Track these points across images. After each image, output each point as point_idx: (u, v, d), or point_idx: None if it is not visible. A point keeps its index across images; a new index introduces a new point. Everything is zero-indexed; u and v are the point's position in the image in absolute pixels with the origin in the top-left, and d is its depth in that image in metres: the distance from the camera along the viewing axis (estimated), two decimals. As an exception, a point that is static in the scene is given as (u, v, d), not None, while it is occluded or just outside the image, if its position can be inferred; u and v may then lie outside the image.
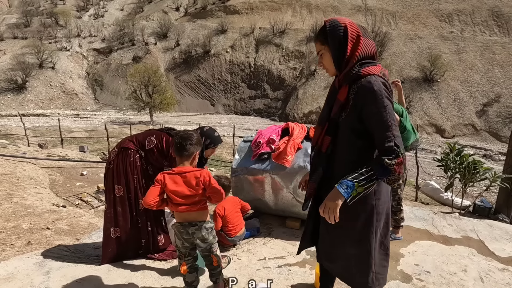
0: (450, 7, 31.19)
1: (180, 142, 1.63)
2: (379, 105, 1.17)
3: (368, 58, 1.24)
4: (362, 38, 1.23)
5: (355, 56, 1.23)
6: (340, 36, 1.24)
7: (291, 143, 2.74)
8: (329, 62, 1.30)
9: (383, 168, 1.14)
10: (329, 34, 1.26)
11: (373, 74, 1.20)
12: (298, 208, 2.76)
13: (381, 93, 1.17)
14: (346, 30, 1.23)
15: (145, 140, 2.17)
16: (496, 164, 16.86)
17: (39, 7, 46.36)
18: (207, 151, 2.26)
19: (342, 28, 1.24)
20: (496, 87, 24.54)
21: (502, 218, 4.92)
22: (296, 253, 1.71)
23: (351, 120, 1.23)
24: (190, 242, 1.67)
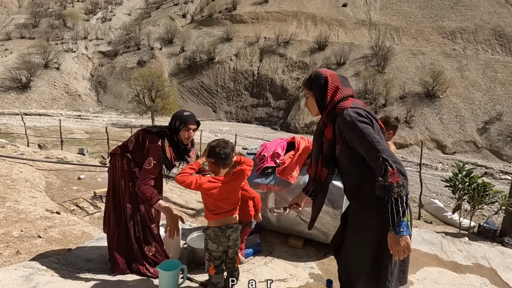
0: (454, 25, 31.57)
1: (225, 152, 1.70)
2: (356, 131, 1.34)
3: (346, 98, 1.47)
4: (340, 88, 1.48)
5: (333, 101, 1.46)
6: (321, 85, 1.50)
7: (297, 158, 2.64)
8: (313, 104, 1.56)
9: (383, 188, 1.25)
10: (313, 83, 1.53)
11: (345, 108, 1.41)
12: (302, 226, 2.64)
13: (353, 121, 1.35)
14: (326, 80, 1.49)
15: (128, 142, 2.18)
16: (497, 182, 16.71)
17: (48, 8, 47.03)
18: (180, 133, 2.10)
19: (323, 79, 1.50)
20: (497, 105, 24.58)
21: (508, 241, 4.78)
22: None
23: (346, 150, 1.41)
24: (225, 245, 1.76)
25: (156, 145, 2.02)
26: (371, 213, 1.39)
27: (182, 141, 2.13)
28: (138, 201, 2.16)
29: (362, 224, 1.43)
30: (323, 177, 1.55)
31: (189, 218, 4.11)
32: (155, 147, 2.02)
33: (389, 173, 1.23)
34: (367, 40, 32.61)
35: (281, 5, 38.45)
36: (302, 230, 2.66)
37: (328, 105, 1.47)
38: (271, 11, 37.91)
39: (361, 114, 1.37)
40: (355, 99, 1.48)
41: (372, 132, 1.32)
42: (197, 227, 3.29)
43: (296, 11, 37.20)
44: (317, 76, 1.52)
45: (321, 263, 2.47)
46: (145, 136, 2.09)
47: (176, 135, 2.11)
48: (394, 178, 1.22)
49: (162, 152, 2.03)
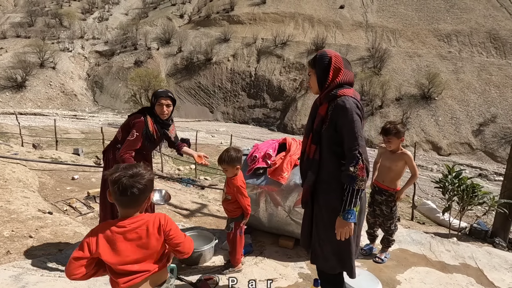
0: (449, 27, 31.88)
1: (125, 188, 1.11)
2: (349, 119, 1.44)
3: (346, 84, 1.54)
4: (342, 69, 1.53)
5: (334, 81, 1.52)
6: (325, 64, 1.54)
7: (288, 159, 2.67)
8: (314, 82, 1.60)
9: (350, 177, 1.41)
10: (317, 61, 1.58)
11: (347, 95, 1.49)
12: (292, 227, 2.66)
13: (351, 110, 1.44)
14: (330, 61, 1.54)
15: (116, 135, 2.34)
16: (491, 184, 16.89)
17: (44, 7, 46.71)
18: (156, 108, 2.28)
19: (328, 58, 1.54)
20: (492, 108, 24.85)
21: (498, 241, 4.84)
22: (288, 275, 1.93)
23: (331, 131, 1.51)
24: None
25: (139, 120, 2.22)
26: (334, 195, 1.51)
27: (158, 115, 2.30)
28: None
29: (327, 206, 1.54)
30: (311, 154, 1.58)
31: (182, 218, 4.12)
32: (138, 122, 2.21)
33: (359, 167, 1.40)
34: (363, 42, 32.80)
35: (278, 6, 38.55)
36: (293, 231, 2.68)
37: (328, 85, 1.53)
38: (268, 12, 38.00)
39: (358, 106, 1.47)
40: (356, 92, 1.55)
41: (360, 126, 1.44)
42: (189, 227, 3.30)
43: (293, 12, 37.32)
44: (321, 55, 1.57)
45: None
46: (129, 119, 2.28)
47: (153, 108, 2.30)
48: (362, 172, 1.39)
49: (145, 126, 2.21)
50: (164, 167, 10.98)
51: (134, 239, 1.16)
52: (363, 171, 1.40)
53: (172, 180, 8.13)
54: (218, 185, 8.69)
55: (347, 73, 1.55)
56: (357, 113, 1.45)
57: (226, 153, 2.11)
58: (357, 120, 1.43)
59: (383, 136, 2.48)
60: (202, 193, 7.07)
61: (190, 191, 7.23)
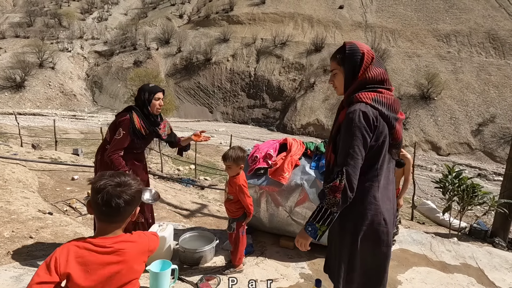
0: (448, 27, 31.94)
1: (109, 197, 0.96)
2: (347, 132, 1.24)
3: (372, 84, 1.30)
4: (372, 67, 1.30)
5: (358, 81, 1.30)
6: (357, 62, 1.30)
7: (289, 160, 2.67)
8: (341, 82, 1.36)
9: (321, 193, 1.27)
10: (347, 58, 1.32)
11: (361, 102, 1.25)
12: (293, 227, 2.66)
13: (354, 122, 1.22)
14: (362, 57, 1.29)
15: (106, 136, 2.29)
16: (490, 183, 16.91)
17: (43, 7, 46.63)
18: (151, 104, 2.24)
19: (360, 55, 1.30)
20: (491, 108, 24.91)
21: (498, 241, 4.85)
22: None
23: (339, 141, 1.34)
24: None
25: (125, 118, 2.17)
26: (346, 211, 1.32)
27: (152, 112, 2.26)
28: None
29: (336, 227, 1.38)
30: (331, 163, 1.42)
31: (183, 218, 4.12)
32: (124, 120, 2.16)
33: (333, 185, 1.20)
34: (363, 42, 32.78)
35: (278, 6, 38.56)
36: (293, 231, 2.68)
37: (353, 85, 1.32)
38: (268, 12, 38.01)
39: (367, 117, 1.22)
40: (382, 94, 1.28)
41: (358, 144, 1.22)
42: (190, 227, 3.30)
43: (292, 12, 37.35)
44: (352, 50, 1.31)
45: (312, 263, 2.50)
46: (115, 118, 2.23)
47: (147, 107, 2.24)
48: (332, 193, 1.20)
49: (131, 123, 2.16)
50: (164, 167, 10.97)
51: (114, 262, 0.95)
52: (336, 192, 1.19)
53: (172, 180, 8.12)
54: (218, 185, 8.68)
55: (375, 70, 1.30)
56: (359, 126, 1.21)
57: (233, 151, 2.11)
58: (357, 136, 1.21)
59: None
60: (202, 193, 7.06)
61: (190, 191, 7.23)
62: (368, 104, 1.24)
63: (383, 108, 1.25)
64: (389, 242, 1.33)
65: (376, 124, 1.24)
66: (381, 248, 1.32)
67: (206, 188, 7.91)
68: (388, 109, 1.27)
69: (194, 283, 2.09)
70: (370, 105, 1.24)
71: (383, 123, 1.26)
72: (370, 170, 1.29)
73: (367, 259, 1.34)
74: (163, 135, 2.39)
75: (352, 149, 1.22)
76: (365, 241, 1.31)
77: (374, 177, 1.29)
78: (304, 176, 2.59)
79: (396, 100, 1.34)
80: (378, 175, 1.30)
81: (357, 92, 1.28)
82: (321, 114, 28.09)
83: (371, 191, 1.29)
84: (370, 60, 1.29)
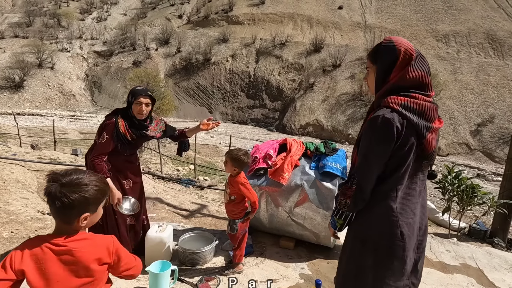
0: (447, 28, 32.02)
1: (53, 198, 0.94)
2: (367, 138, 1.19)
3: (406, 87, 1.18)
4: (409, 68, 1.17)
5: (390, 83, 1.20)
6: (390, 61, 1.20)
7: (289, 160, 2.67)
8: (372, 81, 1.28)
9: (337, 194, 1.29)
10: (379, 56, 1.23)
11: (387, 106, 1.16)
12: (293, 227, 2.66)
13: (374, 129, 1.15)
14: (398, 57, 1.18)
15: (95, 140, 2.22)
16: (489, 184, 16.95)
17: (43, 7, 46.56)
18: (133, 107, 2.12)
19: (395, 54, 1.19)
20: (490, 108, 24.97)
21: (497, 242, 4.86)
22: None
23: None
24: None
25: (110, 121, 2.09)
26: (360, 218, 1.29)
27: (135, 115, 2.15)
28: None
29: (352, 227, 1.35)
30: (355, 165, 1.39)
31: (182, 219, 4.11)
32: (109, 123, 2.09)
33: (344, 188, 1.23)
34: (362, 42, 32.88)
35: (277, 7, 38.60)
36: (293, 231, 2.68)
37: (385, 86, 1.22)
38: (267, 12, 38.04)
39: (390, 125, 1.12)
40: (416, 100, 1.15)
41: (374, 150, 1.16)
42: (190, 228, 3.29)
43: (292, 13, 37.38)
44: (387, 46, 1.21)
45: (312, 263, 2.50)
46: (102, 122, 2.16)
47: (129, 110, 2.15)
48: (343, 195, 1.23)
49: (115, 127, 2.07)
50: (163, 167, 10.96)
51: (70, 262, 0.93)
52: (346, 195, 1.21)
53: (171, 180, 8.11)
54: (217, 185, 8.68)
55: (412, 73, 1.17)
56: (380, 134, 1.14)
57: (237, 151, 2.12)
58: (374, 143, 1.15)
59: None
60: (202, 194, 7.06)
61: (190, 191, 7.22)
62: (395, 111, 1.14)
63: (413, 115, 1.14)
64: (404, 257, 1.21)
65: (401, 133, 1.14)
66: (393, 263, 1.21)
67: (206, 188, 7.90)
68: (420, 117, 1.16)
69: (194, 284, 2.08)
70: (397, 112, 1.14)
71: (411, 132, 1.15)
72: (390, 180, 1.20)
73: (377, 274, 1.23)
74: (156, 134, 2.29)
75: (368, 155, 1.18)
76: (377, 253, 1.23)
77: (393, 187, 1.20)
78: (304, 177, 2.59)
79: (433, 107, 1.21)
80: (398, 185, 1.20)
81: (388, 95, 1.18)
82: (321, 115, 28.10)
83: (387, 201, 1.21)
84: (407, 61, 1.16)
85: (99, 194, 1.00)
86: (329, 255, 2.65)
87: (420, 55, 1.20)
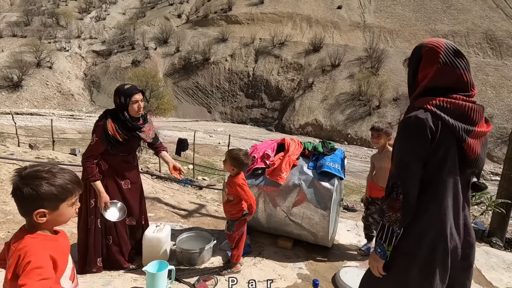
0: (446, 28, 32.08)
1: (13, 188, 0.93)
2: (401, 141, 1.12)
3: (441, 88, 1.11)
4: (438, 66, 1.10)
5: (423, 86, 1.14)
6: (416, 60, 1.17)
7: (287, 160, 2.66)
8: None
9: (382, 211, 1.17)
10: (411, 57, 1.19)
11: (423, 107, 1.10)
12: (291, 227, 2.66)
13: (408, 130, 1.09)
14: (422, 54, 1.14)
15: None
16: (487, 183, 17.00)
17: (41, 6, 46.41)
18: (130, 108, 2.10)
19: (421, 51, 1.15)
20: (488, 108, 25.04)
21: (495, 241, 4.87)
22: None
23: None
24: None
25: (100, 123, 2.07)
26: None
27: (131, 116, 2.12)
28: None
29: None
30: None
31: (180, 219, 4.10)
32: (98, 125, 2.07)
33: (390, 200, 1.11)
34: (361, 42, 32.91)
35: (276, 6, 38.58)
36: (291, 231, 2.68)
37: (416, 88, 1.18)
38: (266, 12, 38.02)
39: (423, 126, 1.06)
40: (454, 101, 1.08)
41: (412, 153, 1.09)
42: (187, 228, 3.29)
43: (291, 12, 37.37)
44: (415, 48, 1.19)
45: (310, 263, 2.50)
46: (94, 125, 2.14)
47: (125, 111, 2.10)
48: (390, 209, 1.11)
49: (103, 129, 2.05)
50: (162, 167, 10.95)
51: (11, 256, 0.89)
52: (394, 208, 1.09)
53: (170, 180, 8.10)
54: (216, 185, 8.67)
55: (446, 71, 1.09)
56: (413, 135, 1.08)
57: (238, 151, 2.13)
58: (409, 145, 1.09)
59: (373, 132, 2.51)
60: (200, 194, 7.05)
61: (188, 191, 7.21)
62: (429, 111, 1.08)
63: (449, 116, 1.06)
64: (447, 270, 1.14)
65: (435, 135, 1.06)
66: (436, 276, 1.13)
67: (204, 188, 7.90)
68: (458, 119, 1.07)
69: (191, 284, 2.08)
70: (431, 112, 1.08)
71: (447, 134, 1.07)
72: (429, 189, 1.12)
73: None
74: (147, 139, 2.26)
75: (404, 158, 1.10)
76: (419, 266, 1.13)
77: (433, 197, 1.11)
78: (302, 176, 2.59)
79: (476, 108, 1.10)
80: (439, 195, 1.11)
81: (422, 97, 1.13)
82: (320, 114, 28.12)
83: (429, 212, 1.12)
84: (432, 58, 1.10)
85: (56, 191, 0.93)
86: (327, 255, 2.65)
87: (453, 51, 1.11)
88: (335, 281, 2.25)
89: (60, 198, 0.95)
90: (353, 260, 2.61)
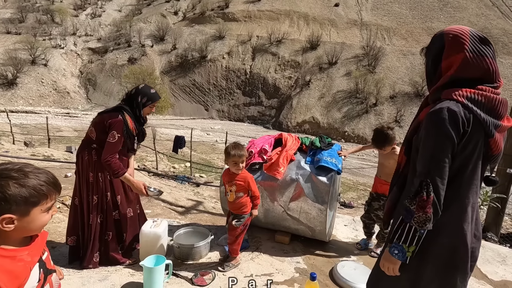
0: (443, 26, 32.08)
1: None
2: (428, 134, 1.04)
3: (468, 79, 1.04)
4: (466, 54, 1.03)
5: (448, 75, 1.06)
6: (438, 48, 1.09)
7: (284, 155, 2.66)
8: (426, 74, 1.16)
9: (406, 210, 1.05)
10: (430, 43, 1.11)
11: (450, 99, 1.02)
12: (289, 222, 2.66)
13: (437, 122, 1.01)
14: (444, 43, 1.06)
15: (88, 133, 2.20)
16: (483, 180, 17.20)
17: (35, 3, 45.79)
18: (145, 109, 2.24)
19: (443, 38, 1.07)
20: (484, 106, 25.28)
21: (490, 236, 4.92)
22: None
23: (416, 144, 1.13)
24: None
25: (118, 119, 2.09)
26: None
27: (143, 116, 2.26)
28: (104, 190, 2.18)
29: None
30: (401, 165, 1.24)
31: (178, 215, 4.09)
32: (117, 121, 2.08)
33: (419, 199, 1.01)
34: (358, 40, 32.94)
35: (273, 4, 38.45)
36: (289, 226, 2.68)
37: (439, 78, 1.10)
38: (263, 9, 37.88)
39: (456, 118, 0.99)
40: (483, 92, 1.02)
41: (443, 149, 1.01)
42: (185, 224, 3.28)
43: (288, 10, 37.27)
44: (436, 35, 1.12)
45: (307, 257, 2.51)
46: (102, 117, 2.14)
47: (140, 110, 2.21)
48: (420, 209, 1.01)
49: (125, 125, 2.11)
50: (159, 165, 10.91)
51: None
52: (426, 208, 1.00)
53: (167, 177, 8.08)
54: (213, 182, 8.66)
55: (474, 60, 1.02)
56: (447, 128, 0.99)
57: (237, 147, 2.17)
58: (441, 140, 1.01)
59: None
60: (197, 191, 7.03)
61: (185, 188, 7.19)
62: (460, 103, 1.01)
63: (480, 110, 1.00)
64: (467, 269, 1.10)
65: (467, 129, 1.00)
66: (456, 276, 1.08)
67: (202, 185, 7.88)
68: (488, 113, 1.01)
69: (189, 278, 2.08)
70: (462, 104, 1.01)
71: (477, 129, 1.01)
72: (452, 185, 1.06)
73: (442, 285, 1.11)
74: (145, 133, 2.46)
75: (437, 155, 1.02)
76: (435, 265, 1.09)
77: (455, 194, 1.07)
78: (300, 171, 2.59)
79: (504, 101, 1.05)
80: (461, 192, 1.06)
81: (445, 88, 1.06)
82: (317, 112, 28.17)
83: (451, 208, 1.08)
84: (457, 46, 1.03)
85: (27, 193, 0.79)
86: (324, 249, 2.66)
87: (479, 38, 1.04)
88: (333, 274, 2.26)
89: (31, 202, 0.80)
90: (350, 255, 2.62)
